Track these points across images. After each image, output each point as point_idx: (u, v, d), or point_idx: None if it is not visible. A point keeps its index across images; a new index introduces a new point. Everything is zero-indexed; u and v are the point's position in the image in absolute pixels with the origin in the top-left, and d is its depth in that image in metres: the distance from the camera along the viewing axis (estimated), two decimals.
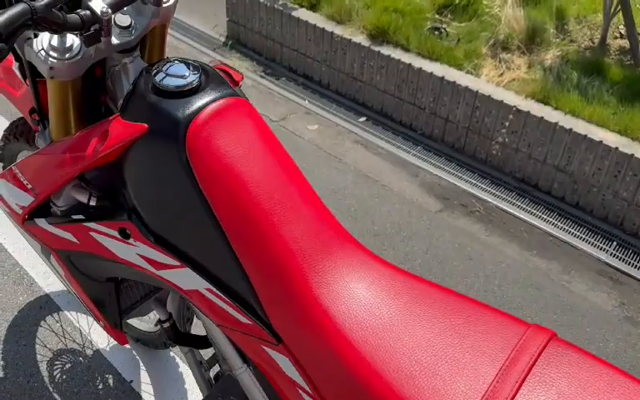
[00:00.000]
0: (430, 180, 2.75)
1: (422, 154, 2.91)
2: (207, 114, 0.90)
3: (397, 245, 2.38)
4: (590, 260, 2.40)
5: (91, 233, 1.02)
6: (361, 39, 3.11)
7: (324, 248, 0.87)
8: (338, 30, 3.18)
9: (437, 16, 3.26)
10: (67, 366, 1.82)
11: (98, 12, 0.92)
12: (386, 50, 3.02)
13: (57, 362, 1.83)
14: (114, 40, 1.01)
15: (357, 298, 0.82)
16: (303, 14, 3.32)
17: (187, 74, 0.95)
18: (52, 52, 0.95)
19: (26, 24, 0.82)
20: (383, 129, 3.08)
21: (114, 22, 1.01)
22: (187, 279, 0.95)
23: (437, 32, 3.13)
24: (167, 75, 0.94)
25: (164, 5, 1.07)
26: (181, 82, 0.93)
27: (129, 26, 1.03)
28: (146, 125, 0.91)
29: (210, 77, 0.97)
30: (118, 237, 0.99)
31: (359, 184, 2.71)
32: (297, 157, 3.07)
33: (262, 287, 0.87)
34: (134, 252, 0.99)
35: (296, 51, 3.42)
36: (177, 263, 0.95)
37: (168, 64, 0.96)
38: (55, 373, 1.80)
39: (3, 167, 1.77)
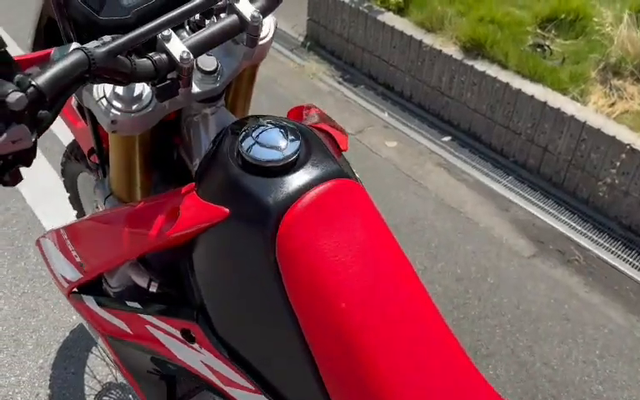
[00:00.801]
0: (523, 217, 2.46)
1: (514, 185, 2.61)
2: (306, 202, 0.68)
3: (483, 294, 2.11)
4: None
5: (147, 327, 0.82)
6: (452, 51, 2.82)
7: None
8: (428, 39, 2.91)
9: (539, 30, 2.93)
10: None
11: (177, 58, 0.71)
12: (480, 65, 2.73)
13: (104, 398, 1.68)
14: (195, 88, 0.81)
15: None
16: (390, 19, 3.06)
17: (282, 144, 0.73)
18: (115, 102, 0.76)
19: (81, 79, 0.62)
20: (470, 152, 2.79)
21: (196, 65, 0.80)
22: None
23: (539, 50, 2.80)
24: (258, 143, 0.73)
25: (260, 43, 0.85)
26: (274, 155, 0.72)
27: (214, 71, 0.82)
28: (227, 210, 0.70)
29: (311, 146, 0.75)
30: (180, 338, 0.79)
31: (441, 215, 2.45)
32: (373, 177, 2.84)
33: None
34: (198, 360, 0.79)
35: (378, 57, 3.17)
36: (251, 386, 0.74)
37: (260, 128, 0.75)
38: None
39: (65, 183, 1.62)
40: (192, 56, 0.72)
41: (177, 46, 0.72)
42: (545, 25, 2.96)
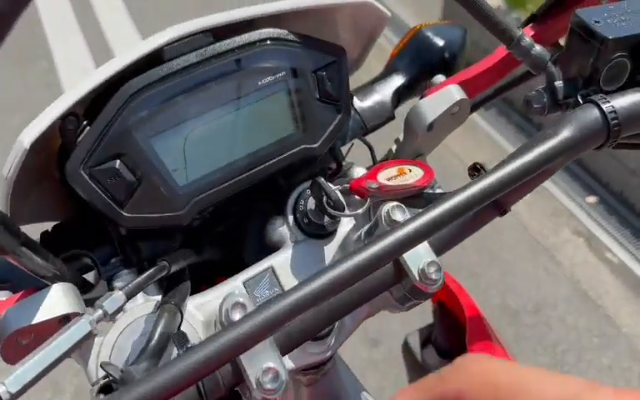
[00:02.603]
0: None
1: None
2: None
3: None
4: None
5: None
6: None
7: None
8: None
9: None
10: None
11: (252, 383, 0.37)
12: None
13: None
14: (287, 359, 0.47)
15: None
16: None
17: None
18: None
19: None
20: (619, 223, 2.27)
21: None
22: None
23: None
24: None
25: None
26: None
27: (328, 333, 0.48)
28: None
29: None
30: None
31: (574, 305, 1.99)
32: (493, 237, 2.30)
33: None
34: None
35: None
36: None
37: None
38: None
39: None
40: (284, 376, 0.37)
41: (260, 364, 0.36)
42: None
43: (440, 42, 0.69)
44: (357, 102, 0.65)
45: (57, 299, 0.43)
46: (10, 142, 0.45)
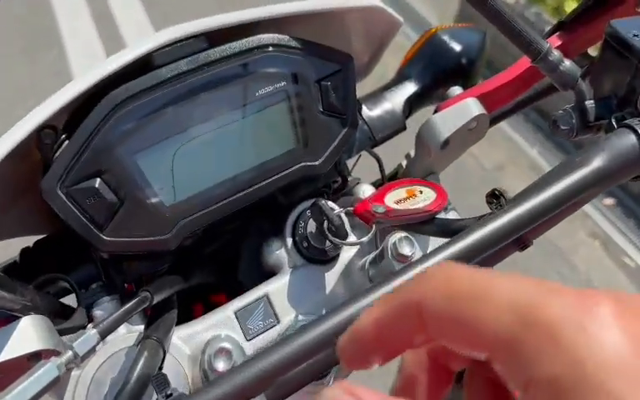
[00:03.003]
0: None
1: None
2: None
3: None
4: None
5: None
6: None
7: None
8: None
9: None
10: None
11: None
12: None
13: None
14: None
15: None
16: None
17: None
18: None
19: None
20: (637, 226, 2.21)
21: None
22: None
23: None
24: None
25: None
26: None
27: None
28: None
29: None
30: None
31: None
32: None
33: None
34: None
35: None
36: None
37: None
38: None
39: None
40: None
41: None
42: None
43: (457, 47, 0.64)
44: (366, 111, 0.60)
45: (26, 334, 0.39)
46: None
